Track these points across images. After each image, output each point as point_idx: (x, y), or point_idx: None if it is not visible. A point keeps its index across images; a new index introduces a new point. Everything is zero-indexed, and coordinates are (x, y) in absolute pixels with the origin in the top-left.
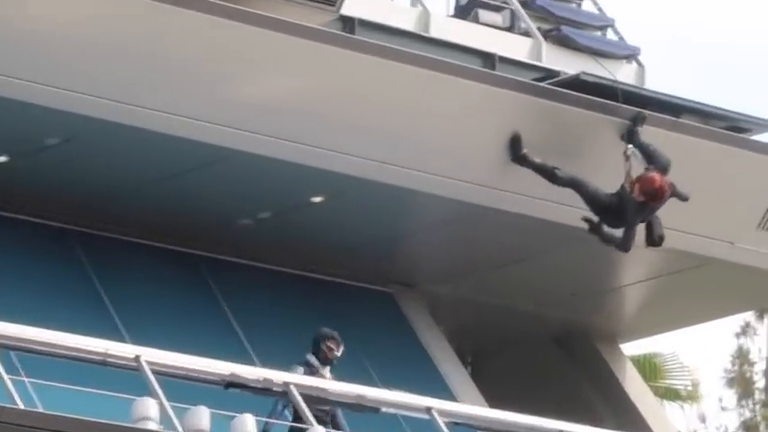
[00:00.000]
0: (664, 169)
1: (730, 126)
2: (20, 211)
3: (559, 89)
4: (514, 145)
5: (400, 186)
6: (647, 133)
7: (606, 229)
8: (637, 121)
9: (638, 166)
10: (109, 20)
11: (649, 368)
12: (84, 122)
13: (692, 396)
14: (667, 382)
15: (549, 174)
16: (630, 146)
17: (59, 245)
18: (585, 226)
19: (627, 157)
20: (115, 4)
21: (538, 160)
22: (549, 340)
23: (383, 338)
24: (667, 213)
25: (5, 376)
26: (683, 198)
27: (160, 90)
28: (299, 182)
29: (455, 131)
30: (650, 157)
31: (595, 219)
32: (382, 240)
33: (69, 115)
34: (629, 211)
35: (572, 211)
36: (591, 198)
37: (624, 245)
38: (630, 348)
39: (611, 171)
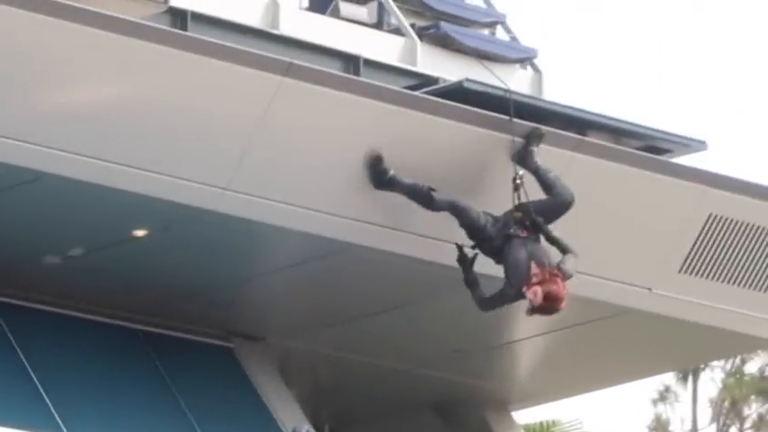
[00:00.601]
0: (564, 205)
1: (647, 146)
2: None
3: (438, 99)
4: (376, 168)
5: (243, 218)
6: (547, 154)
7: (474, 270)
8: (532, 138)
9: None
10: None
11: None
12: None
13: None
14: None
15: (425, 196)
16: (521, 171)
17: None
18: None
19: (516, 186)
20: None
21: (408, 181)
22: (427, 407)
23: (222, 403)
24: (580, 252)
25: None
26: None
27: None
28: (119, 212)
29: (311, 151)
30: (548, 186)
31: (470, 251)
32: (222, 284)
33: None
34: (506, 256)
35: (455, 250)
36: (471, 226)
37: (482, 303)
38: (525, 417)
39: (500, 198)
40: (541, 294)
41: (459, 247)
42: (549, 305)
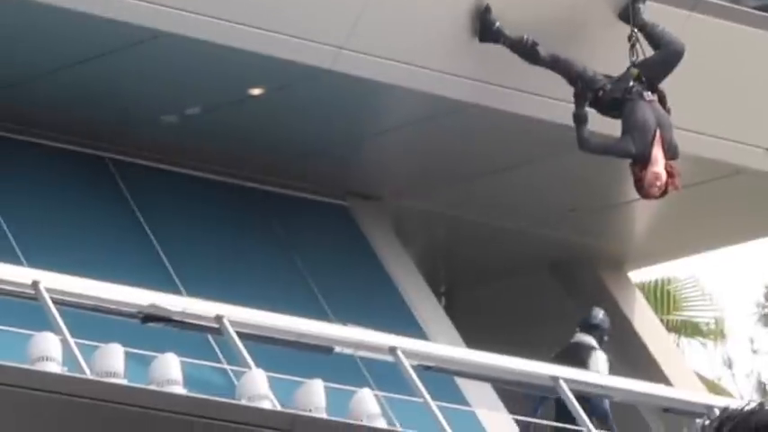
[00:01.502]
0: (677, 55)
1: (764, 5)
2: None
3: None
4: (484, 19)
5: (358, 77)
6: (661, 15)
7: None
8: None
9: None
10: None
11: (662, 298)
12: None
13: (715, 333)
14: (685, 314)
15: (529, 50)
16: (635, 29)
17: None
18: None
19: (632, 44)
20: None
21: (515, 36)
22: (543, 267)
23: (338, 263)
24: (687, 114)
25: None
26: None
27: None
28: (236, 71)
29: (422, 10)
30: (658, 39)
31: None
32: (337, 143)
33: None
34: (628, 112)
35: (570, 108)
36: (579, 78)
37: (585, 143)
38: (640, 275)
39: (613, 56)
40: (663, 186)
41: (578, 85)
42: (651, 190)
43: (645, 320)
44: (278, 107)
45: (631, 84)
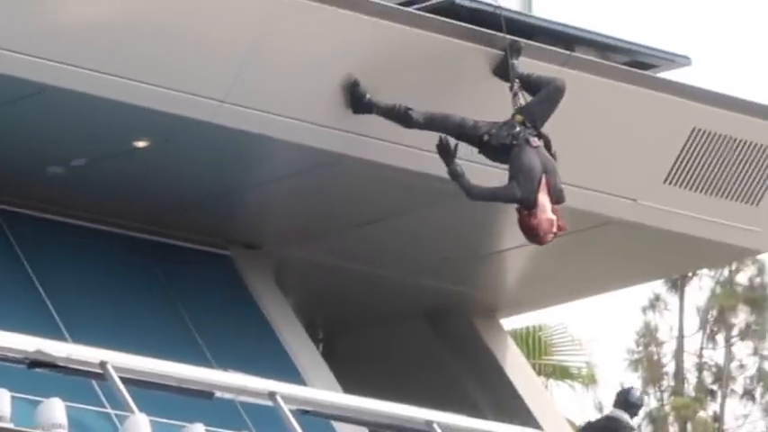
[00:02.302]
0: (551, 98)
1: (633, 61)
2: None
3: (430, 15)
4: (354, 93)
5: (240, 129)
6: (536, 69)
7: (456, 161)
8: (511, 52)
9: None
10: None
11: (533, 343)
12: None
13: (585, 377)
14: (555, 358)
15: (402, 116)
16: (517, 80)
17: None
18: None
19: (514, 93)
20: None
21: (386, 103)
22: (418, 315)
23: (219, 310)
24: (558, 165)
25: None
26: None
27: None
28: (120, 124)
29: (304, 65)
30: (536, 85)
31: (452, 141)
32: (220, 194)
33: None
34: (514, 158)
35: (437, 161)
36: (460, 130)
37: (472, 192)
38: (512, 322)
39: (493, 108)
40: (551, 227)
41: (440, 138)
42: (543, 235)
43: (516, 366)
44: (162, 159)
45: (518, 129)
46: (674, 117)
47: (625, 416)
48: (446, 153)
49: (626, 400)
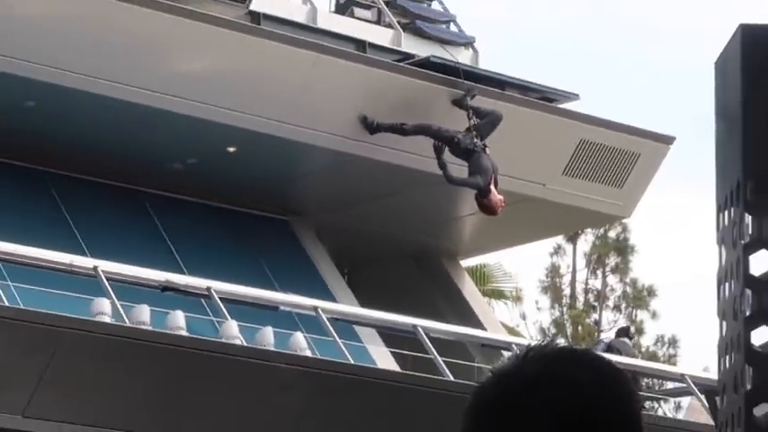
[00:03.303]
0: (493, 123)
1: (542, 96)
2: None
3: (414, 68)
4: (364, 122)
5: (292, 140)
6: (481, 102)
7: (442, 157)
8: (468, 92)
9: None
10: (71, 17)
11: (480, 276)
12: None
13: (514, 297)
14: (494, 285)
15: (399, 130)
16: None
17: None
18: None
19: (469, 117)
20: (74, 3)
21: (388, 123)
22: (408, 258)
23: (281, 256)
24: (497, 162)
25: None
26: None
27: (119, 64)
28: (220, 137)
29: (337, 98)
30: (483, 114)
31: (442, 145)
32: (281, 180)
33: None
34: (476, 160)
35: (421, 160)
36: (441, 137)
37: (451, 179)
38: (467, 263)
39: (451, 126)
40: (501, 205)
41: (434, 142)
42: (496, 210)
43: (469, 290)
44: (244, 158)
45: (476, 140)
46: (569, 132)
47: (627, 341)
48: (438, 151)
49: (627, 333)
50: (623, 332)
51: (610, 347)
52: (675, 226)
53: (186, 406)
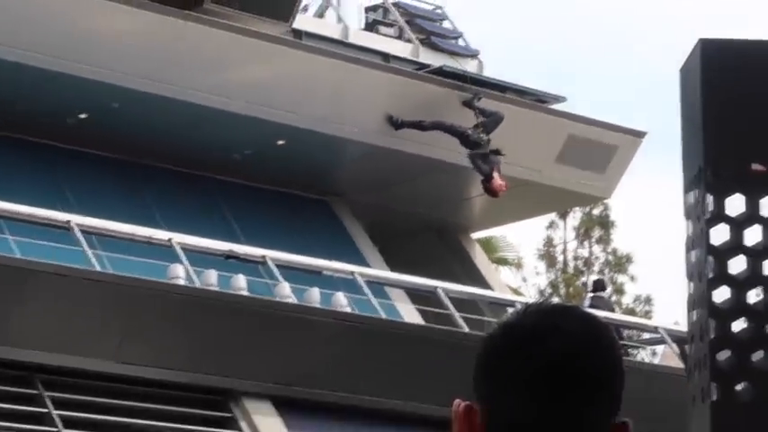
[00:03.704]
0: (496, 121)
1: (536, 99)
2: None
3: (430, 75)
4: (390, 121)
5: (331, 134)
6: (487, 104)
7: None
8: (475, 95)
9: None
10: (149, 34)
11: (488, 246)
12: None
13: (516, 264)
14: (499, 254)
15: (419, 126)
16: (477, 109)
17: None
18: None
19: (476, 115)
20: (146, 22)
21: (409, 120)
22: (431, 231)
23: (323, 230)
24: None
25: (89, 251)
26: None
27: (189, 73)
28: (270, 133)
29: (367, 101)
30: (488, 114)
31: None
32: (322, 167)
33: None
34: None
35: (438, 150)
36: (454, 132)
37: (472, 159)
38: (477, 235)
39: (461, 124)
40: (503, 188)
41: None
42: (498, 193)
43: (479, 258)
44: (291, 149)
45: (482, 135)
46: (559, 127)
47: (603, 294)
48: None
49: (602, 286)
50: (599, 285)
51: (592, 305)
52: (649, 204)
53: (248, 354)
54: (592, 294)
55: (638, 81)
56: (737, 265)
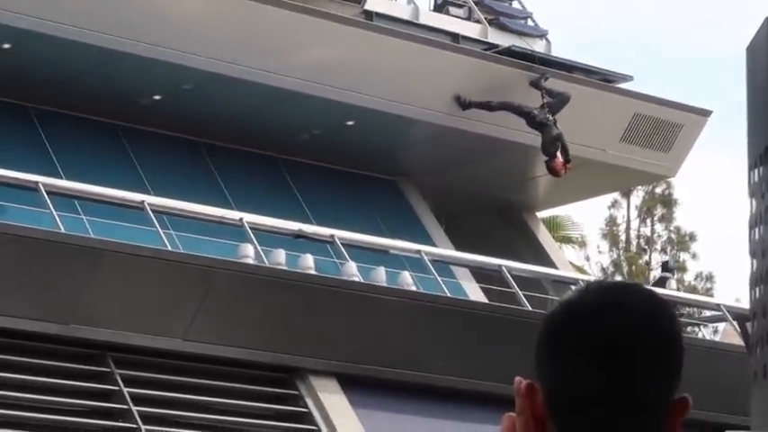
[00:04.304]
0: (562, 102)
1: (602, 78)
2: None
3: (499, 56)
4: (458, 101)
5: (399, 115)
6: (553, 84)
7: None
8: (542, 75)
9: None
10: (224, 17)
11: (553, 225)
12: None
13: (580, 243)
14: (563, 233)
15: (486, 106)
16: (543, 89)
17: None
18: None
19: (542, 95)
20: (218, 3)
21: (477, 101)
22: (493, 211)
23: (391, 210)
24: (565, 132)
25: (161, 231)
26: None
27: (262, 55)
28: (342, 114)
29: (436, 81)
30: (555, 94)
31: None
32: (390, 148)
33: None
34: (548, 132)
35: (505, 131)
36: (521, 112)
37: (544, 144)
38: (542, 214)
39: (528, 103)
40: (563, 168)
41: (528, 113)
42: (560, 173)
43: (544, 237)
44: (359, 130)
45: (548, 115)
46: (624, 106)
47: (669, 275)
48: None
49: (667, 267)
50: (664, 267)
51: (655, 284)
52: (711, 182)
53: (315, 331)
54: (661, 275)
55: (704, 60)
56: None
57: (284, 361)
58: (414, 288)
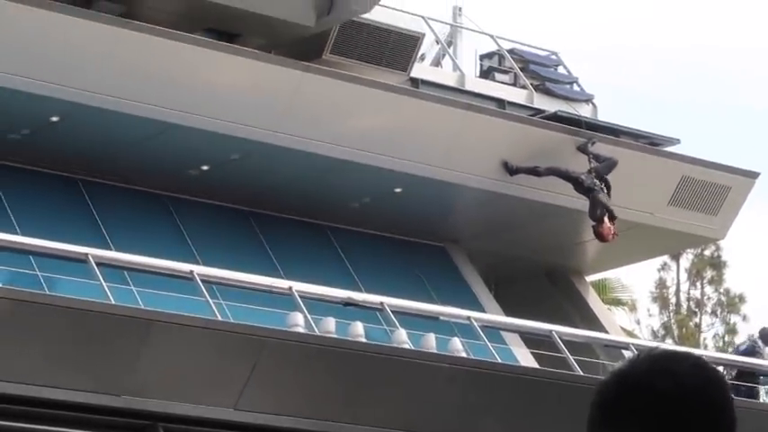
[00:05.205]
0: (610, 166)
1: (650, 141)
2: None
3: (545, 121)
4: (506, 167)
5: (447, 181)
6: (599, 147)
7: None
8: (589, 140)
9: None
10: (269, 88)
11: (601, 288)
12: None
13: (631, 306)
14: (613, 296)
15: (534, 171)
16: (591, 154)
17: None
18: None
19: (589, 160)
20: (266, 74)
21: (524, 166)
22: (541, 275)
23: (440, 275)
24: (613, 195)
25: (211, 301)
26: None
27: (311, 124)
28: (388, 179)
29: (483, 147)
30: (602, 159)
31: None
32: (438, 214)
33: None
34: (595, 196)
35: (553, 195)
36: (568, 178)
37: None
38: (591, 278)
39: (578, 168)
40: (612, 235)
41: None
42: (607, 238)
43: (593, 300)
44: (407, 198)
45: (596, 180)
46: (672, 169)
47: (761, 343)
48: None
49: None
50: (762, 333)
51: (753, 350)
52: (760, 242)
53: (366, 399)
54: (757, 339)
55: (748, 123)
56: None
57: (335, 429)
58: (464, 354)
